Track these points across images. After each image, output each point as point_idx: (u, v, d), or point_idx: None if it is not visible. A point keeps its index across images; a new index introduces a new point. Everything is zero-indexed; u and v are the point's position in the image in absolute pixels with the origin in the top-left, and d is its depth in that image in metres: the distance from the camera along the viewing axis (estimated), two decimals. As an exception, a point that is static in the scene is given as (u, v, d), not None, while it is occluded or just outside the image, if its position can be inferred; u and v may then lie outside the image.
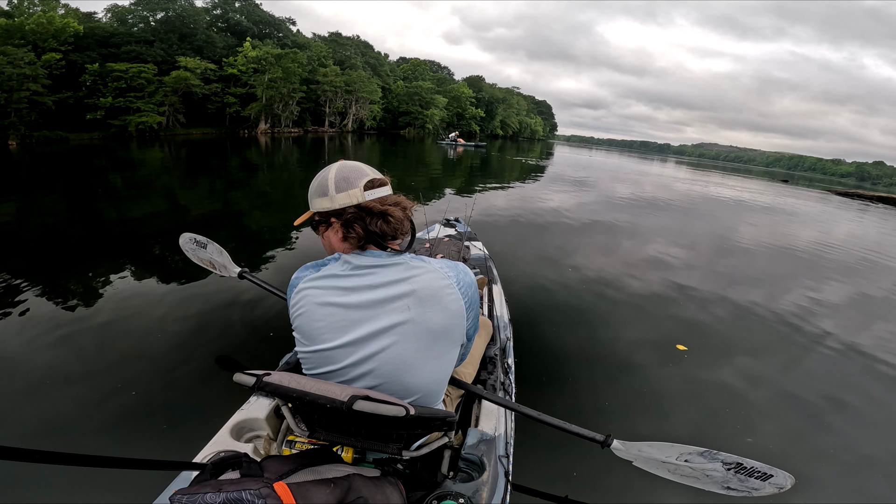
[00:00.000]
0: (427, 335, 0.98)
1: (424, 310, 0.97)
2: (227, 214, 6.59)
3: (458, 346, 1.07)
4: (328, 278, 1.00)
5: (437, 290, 0.98)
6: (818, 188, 34.15)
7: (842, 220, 13.00)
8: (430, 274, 1.00)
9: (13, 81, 20.39)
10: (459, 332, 1.04)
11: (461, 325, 1.03)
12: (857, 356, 3.32)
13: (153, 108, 26.82)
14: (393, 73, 57.05)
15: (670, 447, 1.46)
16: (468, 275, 1.07)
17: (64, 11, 26.15)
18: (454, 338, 1.04)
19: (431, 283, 0.99)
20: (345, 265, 1.00)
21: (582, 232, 6.69)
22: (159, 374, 2.36)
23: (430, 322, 0.97)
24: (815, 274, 5.65)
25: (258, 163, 14.83)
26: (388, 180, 1.06)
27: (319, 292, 0.99)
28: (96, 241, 4.88)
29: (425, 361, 1.00)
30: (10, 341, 2.62)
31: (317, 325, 0.99)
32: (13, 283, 3.44)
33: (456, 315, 1.01)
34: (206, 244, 2.48)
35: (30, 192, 8.20)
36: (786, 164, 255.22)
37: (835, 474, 2.05)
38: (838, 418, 2.49)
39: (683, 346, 3.12)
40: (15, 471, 1.62)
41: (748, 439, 2.21)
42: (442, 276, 1.00)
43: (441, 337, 1.00)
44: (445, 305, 0.99)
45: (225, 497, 0.63)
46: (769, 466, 1.39)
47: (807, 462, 2.11)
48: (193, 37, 32.37)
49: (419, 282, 0.98)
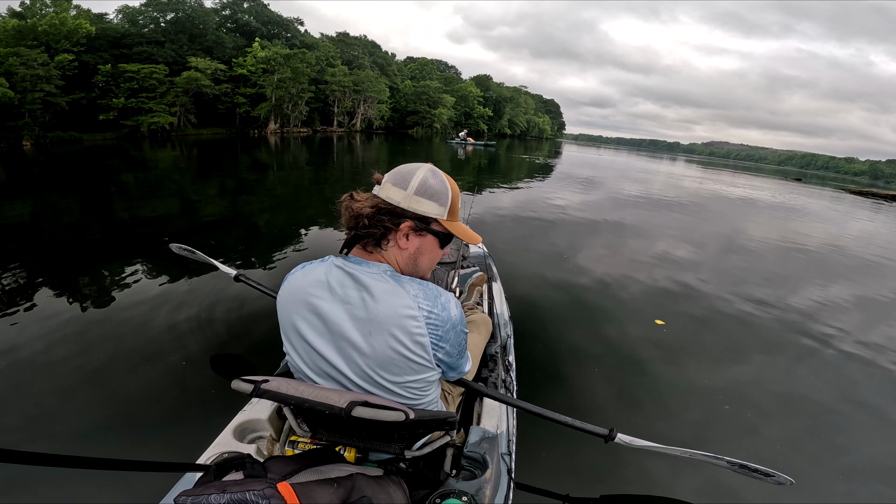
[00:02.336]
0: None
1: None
2: (238, 215, 6.64)
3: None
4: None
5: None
6: (831, 187, 33.65)
7: (855, 219, 12.79)
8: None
9: (27, 82, 20.58)
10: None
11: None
12: (865, 357, 3.26)
13: (165, 109, 27.03)
14: (400, 72, 57.05)
15: (674, 449, 1.50)
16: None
17: (76, 12, 26.36)
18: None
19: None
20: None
21: (586, 230, 6.65)
22: (163, 376, 2.38)
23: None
24: (830, 274, 5.57)
25: (268, 163, 14.92)
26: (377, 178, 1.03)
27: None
28: (109, 241, 4.93)
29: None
30: (17, 339, 2.65)
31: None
32: (26, 281, 3.50)
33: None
34: (194, 252, 2.49)
35: (44, 192, 8.32)
36: (798, 163, 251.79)
37: (832, 477, 2.02)
38: (845, 419, 2.46)
39: (661, 321, 3.25)
40: (19, 473, 1.63)
41: (752, 440, 2.18)
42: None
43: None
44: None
45: (229, 498, 0.63)
46: (771, 469, 1.48)
47: (807, 464, 2.08)
48: (203, 37, 32.61)
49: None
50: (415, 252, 0.99)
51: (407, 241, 0.97)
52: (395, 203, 0.95)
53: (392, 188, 0.96)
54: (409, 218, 0.96)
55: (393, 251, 0.98)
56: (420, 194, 0.96)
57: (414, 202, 0.95)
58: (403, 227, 0.95)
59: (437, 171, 1.01)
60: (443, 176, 1.01)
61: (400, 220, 0.95)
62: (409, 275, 1.00)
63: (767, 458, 2.04)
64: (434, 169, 1.01)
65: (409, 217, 0.96)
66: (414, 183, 0.96)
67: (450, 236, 1.03)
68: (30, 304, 3.09)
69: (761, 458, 1.60)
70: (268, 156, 17.29)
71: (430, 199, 0.97)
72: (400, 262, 0.99)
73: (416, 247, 0.99)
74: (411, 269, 1.01)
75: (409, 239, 0.97)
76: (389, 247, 0.97)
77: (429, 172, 0.99)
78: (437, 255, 1.05)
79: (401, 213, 0.95)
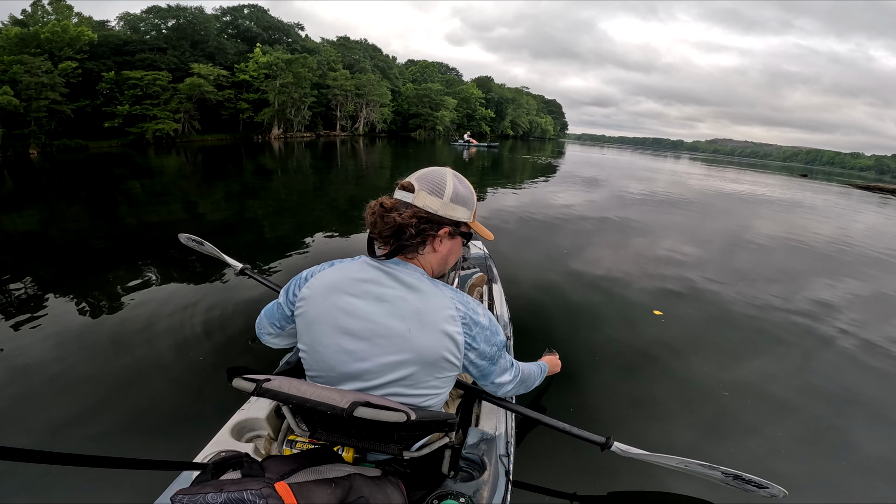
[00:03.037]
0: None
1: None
2: (244, 220, 6.64)
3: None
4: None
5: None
6: (838, 182, 33.43)
7: (865, 214, 12.67)
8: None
9: (32, 90, 20.71)
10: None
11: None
12: (872, 355, 3.20)
13: (169, 116, 27.18)
14: (402, 75, 57.22)
15: (670, 458, 1.51)
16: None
17: (77, 19, 26.50)
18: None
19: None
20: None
21: (589, 231, 6.59)
22: (161, 374, 2.40)
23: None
24: (839, 270, 5.48)
25: (273, 168, 14.97)
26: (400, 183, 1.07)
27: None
28: (116, 247, 4.93)
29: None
30: (20, 342, 2.69)
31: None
32: (35, 285, 3.52)
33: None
34: (203, 242, 2.51)
35: (52, 200, 8.37)
36: (803, 159, 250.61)
37: (834, 479, 1.98)
38: (850, 419, 2.40)
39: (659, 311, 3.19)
40: (15, 471, 1.64)
41: (751, 445, 2.13)
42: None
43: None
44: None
45: (226, 497, 0.63)
46: (764, 480, 1.50)
47: (808, 465, 2.05)
48: (205, 43, 32.82)
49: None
50: (446, 253, 1.08)
51: (441, 245, 1.06)
52: (434, 211, 1.01)
53: (428, 196, 1.01)
54: (446, 224, 1.04)
55: (428, 254, 1.06)
56: (454, 202, 1.04)
57: (450, 209, 1.03)
58: (441, 232, 1.04)
59: (461, 176, 1.08)
60: (466, 181, 1.09)
61: (439, 227, 1.03)
62: (437, 274, 1.10)
63: (768, 456, 2.03)
64: (457, 174, 1.08)
65: (446, 223, 1.04)
66: (448, 191, 1.03)
67: (470, 235, 1.13)
68: (38, 308, 3.09)
69: (760, 459, 1.62)
70: (272, 161, 17.35)
71: (462, 205, 1.05)
72: (433, 263, 1.07)
73: (448, 249, 1.08)
74: (440, 268, 1.10)
75: (443, 243, 1.06)
76: (427, 250, 1.05)
77: (456, 179, 1.06)
78: (460, 252, 1.15)
79: (438, 221, 1.02)
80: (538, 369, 1.40)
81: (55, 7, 25.58)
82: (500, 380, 1.14)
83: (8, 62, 20.52)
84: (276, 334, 1.22)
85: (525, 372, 1.28)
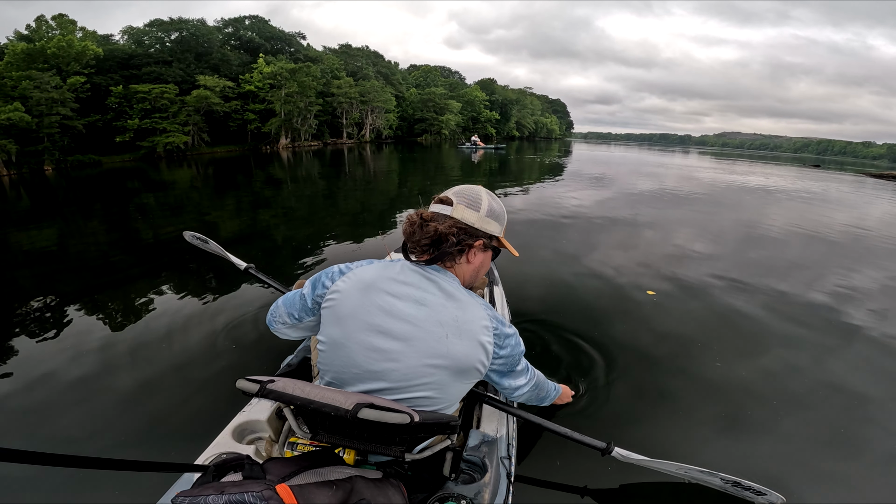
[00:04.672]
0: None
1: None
2: (256, 229, 6.68)
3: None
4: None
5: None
6: (851, 171, 32.94)
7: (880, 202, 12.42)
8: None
9: (42, 106, 21.00)
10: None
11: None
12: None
13: (178, 129, 27.49)
14: (405, 80, 57.50)
15: (670, 464, 1.51)
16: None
17: (82, 34, 26.84)
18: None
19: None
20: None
21: (596, 230, 6.49)
22: (162, 377, 2.45)
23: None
24: (858, 259, 5.34)
25: (282, 177, 15.08)
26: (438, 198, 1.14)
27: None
28: (131, 260, 4.99)
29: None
30: (30, 353, 2.77)
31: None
32: (49, 301, 3.58)
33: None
34: (207, 241, 2.52)
35: (69, 216, 8.50)
36: (815, 149, 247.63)
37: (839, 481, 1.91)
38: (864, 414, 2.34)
39: (652, 291, 3.02)
40: (17, 472, 1.66)
41: (764, 445, 2.07)
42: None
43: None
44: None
45: (227, 499, 0.63)
46: (763, 487, 1.50)
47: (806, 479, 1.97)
48: (209, 55, 33.22)
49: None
50: (479, 266, 1.14)
51: (475, 257, 1.12)
52: (471, 223, 1.08)
53: (466, 210, 1.08)
54: (482, 236, 1.10)
55: (463, 265, 1.12)
56: (489, 216, 1.11)
57: (485, 223, 1.10)
58: (477, 244, 1.10)
59: (493, 195, 1.17)
60: (498, 199, 1.17)
61: (475, 239, 1.09)
62: (469, 285, 1.15)
63: (765, 459, 1.99)
64: (490, 192, 1.16)
65: (481, 236, 1.10)
66: (484, 206, 1.10)
67: (499, 250, 1.21)
68: (56, 319, 3.13)
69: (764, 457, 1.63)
70: (281, 171, 17.48)
71: (495, 220, 1.13)
72: (466, 274, 1.13)
73: (480, 261, 1.14)
74: (472, 280, 1.15)
75: (476, 255, 1.12)
76: (461, 261, 1.11)
77: (490, 197, 1.14)
78: (489, 266, 1.21)
79: (474, 233, 1.09)
80: (553, 388, 1.45)
81: (59, 22, 25.99)
82: (517, 383, 1.19)
83: (17, 78, 20.81)
84: (291, 325, 1.21)
85: (540, 380, 1.33)
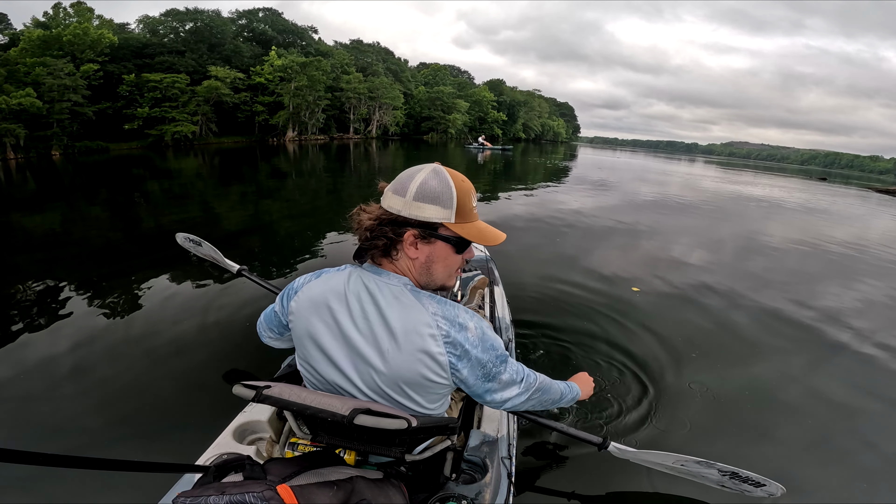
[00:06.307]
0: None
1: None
2: (258, 222, 6.73)
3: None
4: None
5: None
6: (857, 185, 32.73)
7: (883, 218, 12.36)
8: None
9: (54, 92, 21.21)
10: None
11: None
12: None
13: (187, 118, 27.64)
14: (414, 78, 57.42)
15: (666, 455, 1.51)
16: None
17: (98, 22, 26.94)
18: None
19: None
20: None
21: (598, 234, 6.53)
22: (162, 377, 2.43)
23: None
24: (863, 274, 5.36)
25: (287, 170, 15.14)
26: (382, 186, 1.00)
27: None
28: (133, 249, 5.04)
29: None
30: (30, 343, 2.75)
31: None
32: (49, 287, 3.61)
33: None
34: (201, 243, 2.51)
35: (74, 201, 8.58)
36: (822, 162, 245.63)
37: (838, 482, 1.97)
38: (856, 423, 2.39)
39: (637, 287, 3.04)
40: (17, 472, 1.63)
41: (765, 449, 2.12)
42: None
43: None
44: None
45: (228, 499, 0.63)
46: (762, 477, 1.48)
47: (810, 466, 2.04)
48: (221, 46, 33.33)
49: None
50: (426, 261, 0.95)
51: (416, 251, 0.93)
52: (396, 212, 0.91)
53: (392, 196, 0.92)
54: (412, 226, 0.91)
55: (404, 261, 0.95)
56: (420, 199, 0.90)
57: (415, 208, 0.90)
58: (407, 235, 0.91)
59: (441, 171, 0.93)
60: (446, 175, 0.92)
61: (403, 230, 0.91)
62: (424, 285, 0.98)
63: (765, 458, 2.03)
64: (438, 169, 0.93)
65: (413, 225, 0.91)
66: (412, 188, 0.90)
67: (464, 240, 0.95)
68: (54, 308, 3.16)
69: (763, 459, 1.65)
70: (287, 163, 17.55)
71: (431, 202, 0.90)
72: (414, 271, 0.96)
73: (427, 255, 0.94)
74: (426, 279, 0.97)
75: (417, 248, 0.93)
76: (400, 257, 0.94)
77: (430, 174, 0.91)
78: (454, 261, 0.98)
79: (403, 222, 0.91)
80: (565, 387, 1.25)
81: (77, 9, 26.13)
82: (504, 395, 1.01)
83: (31, 64, 21.04)
84: (275, 338, 1.22)
85: (543, 384, 1.12)
